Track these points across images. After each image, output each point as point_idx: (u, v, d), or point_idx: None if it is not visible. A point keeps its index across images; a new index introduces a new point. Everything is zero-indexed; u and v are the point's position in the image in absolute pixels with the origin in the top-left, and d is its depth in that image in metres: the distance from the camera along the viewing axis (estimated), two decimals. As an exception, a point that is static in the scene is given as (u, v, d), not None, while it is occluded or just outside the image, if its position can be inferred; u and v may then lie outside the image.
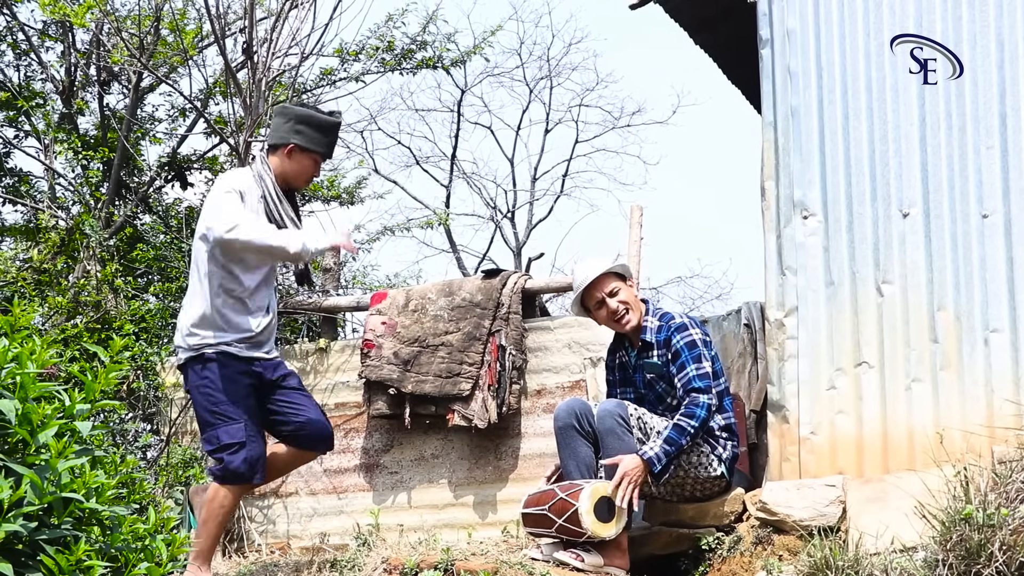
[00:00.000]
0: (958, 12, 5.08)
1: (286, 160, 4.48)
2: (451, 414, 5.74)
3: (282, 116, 4.53)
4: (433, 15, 8.62)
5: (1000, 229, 4.93)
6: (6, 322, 3.30)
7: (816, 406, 5.09)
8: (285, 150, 4.47)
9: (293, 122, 4.47)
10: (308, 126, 4.47)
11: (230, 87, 6.75)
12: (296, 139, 4.46)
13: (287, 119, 4.49)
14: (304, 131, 4.47)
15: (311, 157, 4.51)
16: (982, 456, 4.64)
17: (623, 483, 4.50)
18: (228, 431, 4.38)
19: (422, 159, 17.16)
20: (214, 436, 4.40)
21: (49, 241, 7.48)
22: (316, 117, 4.50)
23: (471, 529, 5.67)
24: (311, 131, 4.48)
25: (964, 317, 4.93)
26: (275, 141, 4.50)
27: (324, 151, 4.56)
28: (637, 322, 4.86)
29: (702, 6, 6.18)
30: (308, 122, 4.48)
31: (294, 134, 4.46)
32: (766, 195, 5.33)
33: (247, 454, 4.38)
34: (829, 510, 4.64)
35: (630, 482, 4.52)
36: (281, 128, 4.49)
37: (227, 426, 4.38)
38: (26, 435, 3.01)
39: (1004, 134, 4.98)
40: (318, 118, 4.50)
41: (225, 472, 4.39)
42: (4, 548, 2.89)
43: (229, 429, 4.38)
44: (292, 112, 4.51)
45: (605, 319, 4.89)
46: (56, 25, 8.45)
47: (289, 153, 4.47)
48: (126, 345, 3.39)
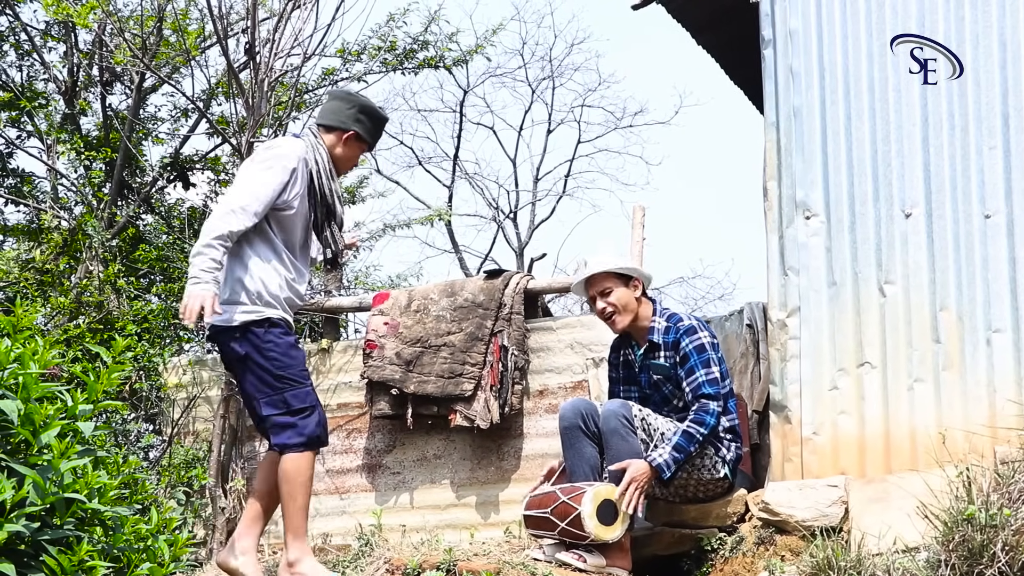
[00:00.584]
0: (960, 12, 5.08)
1: (341, 144, 4.51)
2: (453, 414, 5.74)
3: (345, 101, 4.55)
4: (435, 15, 8.63)
5: (1003, 229, 4.93)
6: (9, 322, 3.31)
7: (818, 406, 5.09)
8: (344, 135, 4.50)
9: (356, 110, 4.51)
10: (368, 117, 4.53)
11: (232, 87, 6.76)
12: (357, 127, 4.51)
13: (351, 105, 4.52)
14: (364, 121, 4.52)
15: (362, 147, 4.58)
16: (984, 456, 4.64)
17: (630, 488, 4.49)
18: (297, 395, 4.29)
19: (424, 159, 17.19)
20: (281, 400, 4.29)
21: (52, 241, 7.50)
22: (377, 111, 4.57)
23: (473, 530, 5.67)
24: (370, 122, 4.55)
25: (966, 317, 4.93)
26: (334, 123, 4.51)
27: (373, 144, 4.66)
28: (628, 324, 4.83)
29: (704, 6, 6.18)
30: (369, 113, 4.54)
31: (355, 122, 4.50)
32: (768, 195, 5.33)
33: (319, 417, 4.34)
34: (831, 510, 4.64)
35: (637, 488, 4.51)
36: (343, 112, 4.51)
37: (295, 390, 4.30)
38: (29, 435, 3.01)
39: (1007, 134, 4.98)
40: (378, 112, 4.58)
41: (305, 439, 4.28)
42: (7, 548, 2.89)
43: (298, 393, 4.30)
44: (357, 100, 4.55)
45: (598, 316, 4.91)
46: (59, 25, 8.46)
47: (347, 139, 4.51)
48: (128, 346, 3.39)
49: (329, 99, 4.64)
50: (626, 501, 4.47)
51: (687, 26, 6.52)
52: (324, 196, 4.43)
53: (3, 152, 8.71)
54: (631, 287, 4.84)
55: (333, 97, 4.62)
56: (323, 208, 4.45)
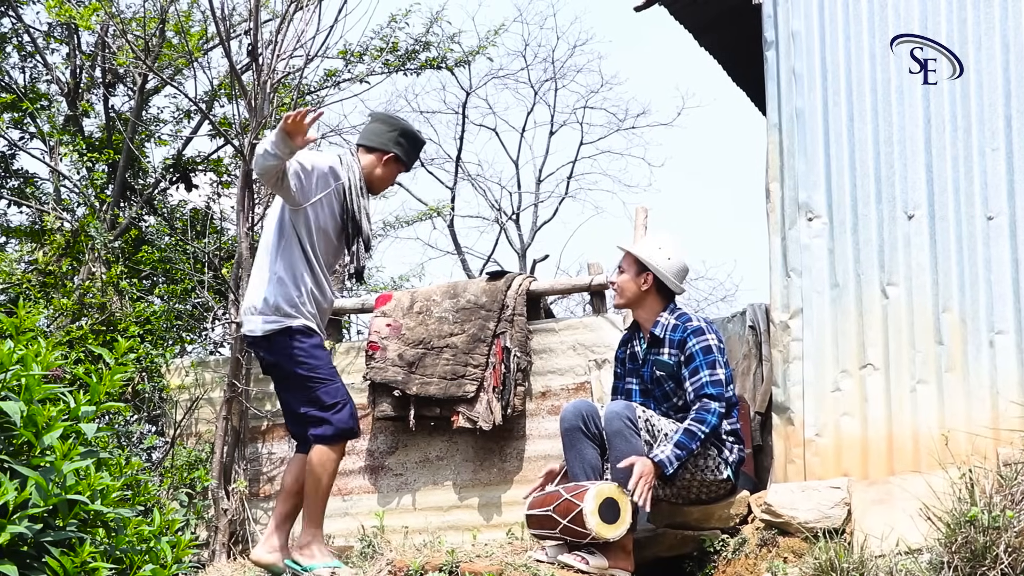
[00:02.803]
0: (963, 14, 5.08)
1: (381, 165, 4.72)
2: (456, 416, 5.75)
3: (387, 124, 4.75)
4: (437, 16, 8.64)
5: (1005, 231, 4.93)
6: (11, 324, 3.31)
7: (821, 408, 5.08)
8: (384, 156, 4.71)
9: (397, 133, 4.71)
10: (408, 140, 4.74)
11: (235, 89, 6.76)
12: (397, 149, 4.71)
13: (392, 128, 4.72)
14: (404, 144, 4.73)
15: (399, 169, 4.77)
16: (987, 458, 4.64)
17: (640, 481, 4.50)
18: (328, 392, 4.57)
19: (427, 161, 17.18)
20: (315, 398, 4.57)
21: (54, 243, 7.50)
22: (417, 135, 4.78)
23: (476, 531, 5.67)
24: (409, 145, 4.75)
25: (969, 319, 4.93)
26: (375, 144, 4.71)
27: (411, 166, 4.85)
28: (626, 306, 4.98)
29: (707, 8, 6.18)
30: (409, 137, 4.74)
31: (396, 144, 4.71)
32: (771, 197, 5.33)
33: (351, 409, 4.61)
34: (834, 512, 4.64)
35: (646, 482, 4.51)
36: (384, 134, 4.71)
37: (325, 387, 4.57)
38: (31, 437, 3.02)
39: (1009, 136, 4.97)
40: (418, 136, 4.79)
41: (337, 431, 4.57)
42: (9, 550, 2.89)
43: (328, 389, 4.57)
44: (397, 123, 4.75)
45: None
46: (61, 27, 8.48)
47: (386, 161, 4.71)
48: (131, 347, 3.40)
49: (371, 121, 4.83)
50: (637, 492, 4.47)
51: (690, 28, 6.52)
52: (353, 213, 4.63)
53: (6, 154, 8.72)
54: (640, 278, 4.88)
55: (375, 119, 4.81)
56: (352, 224, 4.65)
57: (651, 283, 4.89)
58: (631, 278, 4.92)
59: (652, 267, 4.89)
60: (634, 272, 4.91)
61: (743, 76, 7.19)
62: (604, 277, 5.84)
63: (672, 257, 4.91)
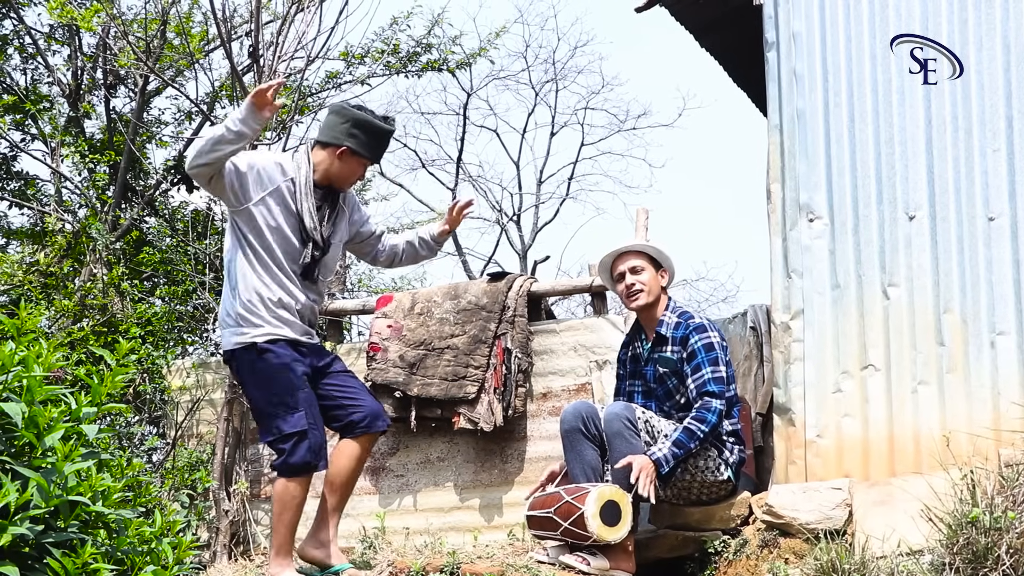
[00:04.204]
0: (964, 15, 5.08)
1: (336, 160, 4.44)
2: (457, 417, 5.75)
3: (339, 116, 4.46)
4: (438, 18, 8.64)
5: (1007, 231, 4.93)
6: (13, 325, 3.31)
7: (822, 409, 5.08)
8: (337, 150, 4.42)
9: (349, 124, 4.41)
10: (363, 131, 4.42)
11: (236, 90, 6.76)
12: (349, 142, 4.41)
13: (343, 120, 4.43)
14: (358, 135, 4.42)
15: (361, 162, 4.48)
16: (989, 459, 4.64)
17: (642, 475, 4.50)
18: (287, 421, 4.27)
19: (428, 162, 17.19)
20: (273, 427, 4.29)
21: (56, 244, 7.51)
22: (372, 123, 4.44)
23: (477, 532, 5.67)
24: (365, 136, 4.43)
25: (970, 320, 4.92)
26: (327, 139, 4.44)
27: (373, 157, 4.54)
28: (646, 307, 4.88)
29: (708, 9, 6.18)
30: (364, 127, 4.42)
31: (348, 137, 4.41)
32: (772, 198, 5.33)
33: (311, 442, 4.28)
34: (835, 513, 4.63)
35: (648, 476, 4.52)
36: (336, 127, 4.43)
37: (284, 416, 4.27)
38: (33, 438, 3.02)
39: (1010, 136, 4.97)
40: (374, 124, 4.44)
41: (291, 466, 4.27)
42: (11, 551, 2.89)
43: (289, 419, 4.27)
44: (349, 114, 4.44)
45: (621, 292, 4.96)
46: (63, 28, 8.48)
47: (340, 154, 4.43)
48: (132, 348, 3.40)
49: (327, 113, 4.57)
50: (641, 485, 4.47)
51: (691, 29, 6.52)
52: (297, 212, 4.38)
53: (7, 155, 8.73)
54: (659, 274, 4.92)
55: (330, 111, 4.54)
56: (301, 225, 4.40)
57: (667, 278, 4.94)
58: (654, 275, 4.93)
59: (665, 260, 4.95)
60: (653, 268, 4.94)
61: (744, 77, 7.19)
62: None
63: (665, 251, 4.97)
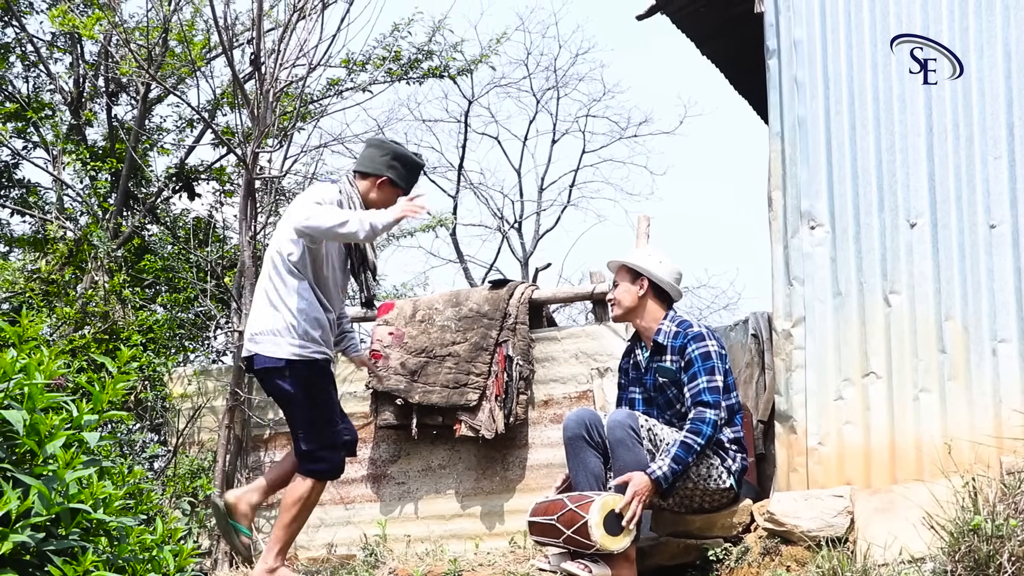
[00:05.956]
0: (965, 22, 5.08)
1: (375, 189, 4.78)
2: (458, 424, 5.74)
3: (379, 149, 4.82)
4: (439, 25, 8.64)
5: (1008, 239, 4.93)
6: (14, 333, 3.31)
7: (824, 416, 5.08)
8: (377, 180, 4.77)
9: (389, 157, 4.79)
10: (401, 163, 4.80)
11: (238, 98, 6.77)
12: (390, 173, 4.77)
13: (384, 152, 4.80)
14: (397, 167, 4.79)
15: (396, 191, 4.80)
16: (990, 467, 4.63)
17: (633, 502, 4.50)
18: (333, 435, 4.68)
19: (429, 169, 17.19)
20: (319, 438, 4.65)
21: (57, 252, 7.51)
22: (410, 157, 4.84)
23: (478, 540, 5.67)
24: (403, 168, 4.80)
25: (972, 327, 4.92)
26: (369, 170, 4.79)
27: (408, 187, 4.88)
28: (624, 317, 5.00)
29: (709, 16, 6.20)
30: (402, 160, 4.80)
31: (388, 168, 4.77)
32: (773, 205, 5.33)
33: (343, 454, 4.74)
34: (837, 521, 4.63)
35: (640, 501, 4.52)
36: (376, 159, 4.79)
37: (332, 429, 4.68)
38: (34, 446, 3.02)
39: (1011, 144, 4.97)
40: (411, 158, 4.85)
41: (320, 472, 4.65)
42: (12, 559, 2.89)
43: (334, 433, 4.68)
44: (389, 148, 4.83)
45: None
46: (65, 37, 8.49)
47: (380, 184, 4.77)
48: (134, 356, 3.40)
49: (366, 147, 4.91)
50: (629, 515, 4.48)
51: (692, 36, 6.53)
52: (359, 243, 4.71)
53: (9, 163, 8.74)
54: (636, 284, 4.91)
55: (369, 145, 4.91)
56: (358, 254, 4.77)
57: (647, 288, 4.93)
58: (628, 287, 4.97)
59: (645, 271, 4.94)
60: (629, 280, 4.96)
61: (745, 84, 7.20)
62: (606, 285, 5.85)
63: (663, 262, 4.97)
